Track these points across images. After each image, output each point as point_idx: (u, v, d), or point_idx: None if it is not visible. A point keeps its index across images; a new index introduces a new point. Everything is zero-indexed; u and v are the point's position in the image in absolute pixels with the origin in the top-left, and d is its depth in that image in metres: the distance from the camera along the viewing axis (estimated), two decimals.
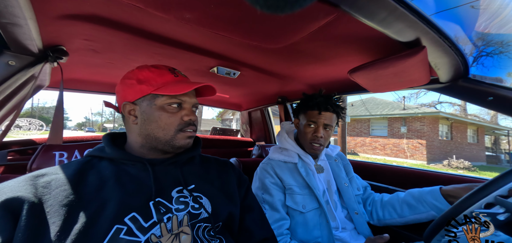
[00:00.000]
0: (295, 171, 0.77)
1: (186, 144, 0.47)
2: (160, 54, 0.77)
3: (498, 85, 0.64)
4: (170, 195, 0.43)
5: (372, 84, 0.78)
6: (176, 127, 0.46)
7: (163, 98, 0.45)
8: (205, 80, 1.21)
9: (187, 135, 0.47)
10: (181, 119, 0.46)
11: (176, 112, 0.46)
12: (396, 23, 0.43)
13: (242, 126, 2.05)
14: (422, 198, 0.70)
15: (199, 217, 0.43)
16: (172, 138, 0.46)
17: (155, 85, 0.45)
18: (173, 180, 0.46)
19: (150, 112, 0.45)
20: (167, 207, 0.41)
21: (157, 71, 0.47)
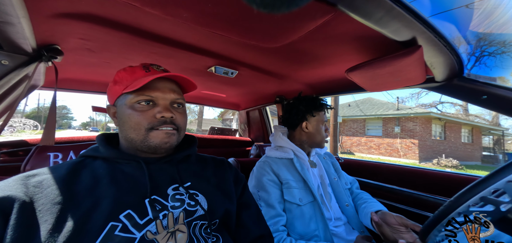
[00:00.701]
0: (291, 166, 0.80)
1: (162, 143, 0.44)
2: (157, 54, 0.77)
3: (492, 84, 0.65)
4: (166, 192, 0.43)
5: (369, 83, 0.79)
6: (146, 125, 0.43)
7: (131, 96, 0.43)
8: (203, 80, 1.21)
9: (161, 133, 0.44)
10: (153, 117, 0.43)
11: (147, 110, 0.43)
12: (393, 23, 0.43)
13: (240, 126, 2.05)
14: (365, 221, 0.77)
15: (195, 215, 0.43)
16: (144, 138, 0.43)
17: (124, 84, 0.44)
18: (169, 178, 0.45)
19: (121, 113, 0.44)
20: (162, 204, 0.41)
21: (130, 69, 0.46)
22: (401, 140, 9.71)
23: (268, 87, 1.21)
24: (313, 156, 0.89)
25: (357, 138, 11.49)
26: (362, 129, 11.45)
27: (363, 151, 11.05)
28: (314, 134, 0.84)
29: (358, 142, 11.41)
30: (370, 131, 11.22)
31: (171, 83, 0.48)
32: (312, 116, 0.85)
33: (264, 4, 0.21)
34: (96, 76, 1.04)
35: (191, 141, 0.55)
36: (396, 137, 9.84)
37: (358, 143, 11.42)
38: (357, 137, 11.48)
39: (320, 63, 0.81)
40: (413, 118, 9.48)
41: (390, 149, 10.01)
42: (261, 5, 0.22)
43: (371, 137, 10.95)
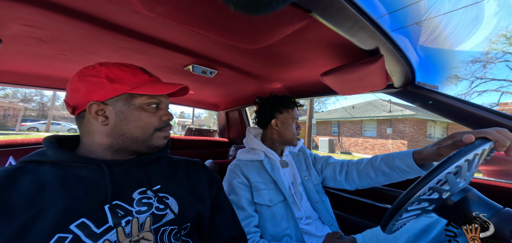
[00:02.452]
0: (262, 168, 0.81)
1: (162, 144, 0.48)
2: (127, 49, 0.70)
3: (435, 91, 0.78)
4: (131, 196, 0.41)
5: (341, 87, 0.86)
6: (155, 126, 0.46)
7: (143, 98, 0.45)
8: (179, 79, 1.15)
9: (164, 135, 0.48)
10: (160, 119, 0.47)
11: (155, 112, 0.47)
12: (360, 32, 0.48)
13: (219, 127, 2.00)
14: (395, 166, 0.68)
15: (163, 219, 0.41)
16: (149, 137, 0.46)
17: (130, 85, 0.44)
18: (135, 181, 0.43)
19: (128, 112, 0.44)
20: (126, 209, 0.39)
21: (129, 70, 0.46)
22: (392, 140, 10.37)
23: (247, 88, 1.21)
24: (286, 155, 0.90)
25: (354, 139, 12.03)
26: (359, 130, 12.00)
27: (359, 151, 11.61)
28: (284, 132, 0.85)
29: (356, 142, 11.95)
30: (366, 132, 11.79)
31: None
32: (280, 114, 0.86)
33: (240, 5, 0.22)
34: (48, 69, 0.89)
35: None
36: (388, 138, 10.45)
37: (355, 144, 11.96)
38: (355, 138, 12.03)
39: (297, 66, 0.85)
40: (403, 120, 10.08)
41: (383, 149, 10.67)
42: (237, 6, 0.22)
43: (367, 138, 11.54)
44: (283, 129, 0.85)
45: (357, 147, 11.99)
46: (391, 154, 0.71)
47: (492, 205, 0.41)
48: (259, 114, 0.91)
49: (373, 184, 0.77)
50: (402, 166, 0.66)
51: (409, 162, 0.63)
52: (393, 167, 0.69)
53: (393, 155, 0.70)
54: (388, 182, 0.73)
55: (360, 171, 0.79)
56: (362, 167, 0.79)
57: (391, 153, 0.71)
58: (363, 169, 0.78)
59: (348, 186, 0.84)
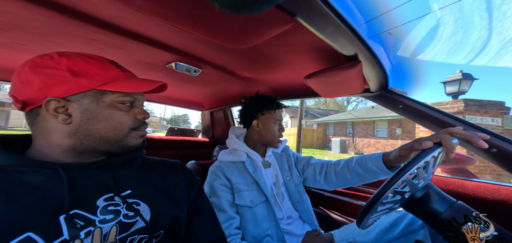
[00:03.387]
0: (243, 169, 0.81)
1: (138, 143, 0.45)
2: (101, 42, 0.64)
3: (405, 96, 0.86)
4: (94, 204, 0.37)
5: (323, 89, 0.90)
6: (131, 125, 0.43)
7: (115, 95, 0.41)
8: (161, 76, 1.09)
9: (140, 134, 0.45)
10: (134, 118, 0.44)
11: (129, 111, 0.43)
12: (340, 39, 0.51)
13: (203, 127, 1.95)
14: (368, 168, 0.72)
15: (132, 228, 0.38)
16: (124, 137, 0.43)
17: (100, 80, 0.39)
18: (100, 186, 0.39)
19: (96, 111, 0.40)
20: (87, 219, 0.35)
21: (97, 63, 0.40)
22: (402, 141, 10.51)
23: (233, 88, 1.20)
24: (268, 156, 0.90)
25: (367, 140, 12.11)
26: (371, 131, 12.05)
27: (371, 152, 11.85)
28: (265, 133, 0.85)
29: (368, 143, 12.02)
30: (379, 133, 11.83)
31: None
32: (262, 114, 0.85)
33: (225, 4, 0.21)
34: (2, 60, 0.78)
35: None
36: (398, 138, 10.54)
37: (368, 144, 12.02)
38: (368, 139, 12.11)
39: (282, 68, 0.87)
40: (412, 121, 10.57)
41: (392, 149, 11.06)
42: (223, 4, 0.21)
43: (378, 138, 11.62)
44: (265, 130, 0.85)
45: (370, 147, 12.08)
46: (365, 156, 0.75)
47: (448, 199, 0.47)
48: (242, 114, 0.91)
49: (349, 185, 0.81)
50: (374, 168, 0.70)
51: (379, 164, 0.68)
52: (366, 169, 0.73)
53: (366, 157, 0.74)
54: (363, 183, 0.77)
55: (337, 172, 0.82)
56: (339, 168, 0.82)
57: (365, 155, 0.75)
58: (340, 170, 0.81)
59: (326, 187, 0.87)
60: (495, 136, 0.68)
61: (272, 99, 0.87)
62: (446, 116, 0.76)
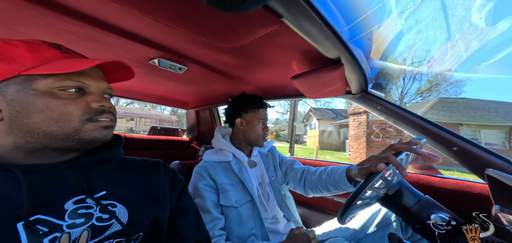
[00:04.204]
0: (229, 169, 0.80)
1: (102, 136, 0.39)
2: (74, 33, 0.59)
3: (382, 98, 0.92)
4: (62, 208, 0.34)
5: (309, 90, 0.93)
6: (81, 116, 0.36)
7: (49, 81, 0.34)
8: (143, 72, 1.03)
9: (101, 125, 0.39)
10: (87, 107, 0.37)
11: (76, 98, 0.37)
12: (325, 42, 0.53)
13: (188, 126, 1.90)
14: (336, 183, 0.74)
15: (107, 231, 0.35)
16: (76, 131, 0.36)
17: (25, 64, 0.33)
18: (69, 188, 0.36)
19: (26, 101, 0.34)
20: (52, 224, 0.32)
21: (23, 45, 0.34)
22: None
23: (219, 87, 1.18)
24: (254, 155, 0.91)
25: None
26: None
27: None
28: (249, 132, 0.84)
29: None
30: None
31: (98, 70, 0.41)
32: (245, 113, 0.85)
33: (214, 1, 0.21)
34: None
35: (114, 141, 0.46)
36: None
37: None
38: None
39: (269, 68, 0.88)
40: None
41: None
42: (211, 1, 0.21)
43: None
44: (248, 129, 0.85)
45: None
46: (334, 169, 0.76)
47: (416, 193, 0.51)
48: (226, 112, 0.90)
49: (322, 195, 0.81)
50: (339, 181, 0.72)
51: (343, 178, 0.70)
52: (333, 182, 0.74)
53: (334, 170, 0.75)
54: (332, 194, 0.78)
55: (313, 182, 0.82)
56: (314, 179, 0.82)
57: (334, 167, 0.76)
58: (314, 180, 0.82)
59: (305, 194, 0.87)
60: (457, 136, 0.76)
61: (256, 98, 0.86)
62: (418, 118, 0.83)
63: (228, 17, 0.48)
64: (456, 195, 0.79)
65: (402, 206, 0.51)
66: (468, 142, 0.74)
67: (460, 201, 0.78)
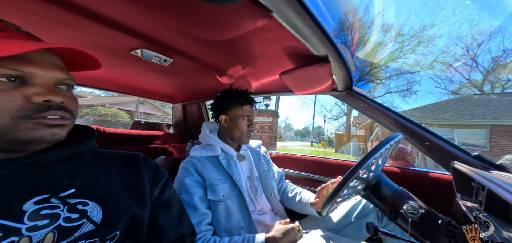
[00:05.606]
0: (217, 164, 0.80)
1: (48, 136, 0.33)
2: (42, 16, 0.53)
3: (365, 96, 0.97)
4: (20, 209, 0.31)
5: (296, 86, 0.94)
6: (13, 111, 0.30)
7: None
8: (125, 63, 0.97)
9: (47, 123, 0.33)
10: (25, 100, 0.31)
11: (10, 90, 0.30)
12: (313, 38, 0.54)
13: (175, 121, 1.83)
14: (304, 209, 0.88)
15: (76, 232, 0.33)
16: (9, 129, 0.30)
17: None
18: (28, 187, 0.32)
19: None
20: (8, 228, 0.29)
21: None
22: None
23: (207, 81, 1.15)
24: (243, 150, 0.91)
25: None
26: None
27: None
28: (233, 128, 0.83)
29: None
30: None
31: (53, 56, 0.35)
32: (228, 110, 0.84)
33: None
34: None
35: (83, 134, 0.42)
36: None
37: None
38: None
39: (258, 63, 0.87)
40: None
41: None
42: None
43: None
44: (232, 125, 0.84)
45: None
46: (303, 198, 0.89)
47: (392, 185, 0.56)
48: (212, 108, 0.89)
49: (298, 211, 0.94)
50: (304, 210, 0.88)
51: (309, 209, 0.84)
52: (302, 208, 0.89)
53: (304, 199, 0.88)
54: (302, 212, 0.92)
55: (288, 199, 0.96)
56: (291, 196, 0.95)
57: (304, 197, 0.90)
58: (289, 199, 0.95)
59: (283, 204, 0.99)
60: (428, 132, 0.83)
61: (240, 94, 0.84)
62: (397, 115, 0.89)
63: (216, 9, 0.46)
64: (427, 186, 0.87)
65: (380, 197, 0.55)
66: (438, 137, 0.81)
67: (430, 191, 0.86)
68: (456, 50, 14.18)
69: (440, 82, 14.53)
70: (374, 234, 0.49)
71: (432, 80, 14.58)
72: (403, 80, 13.67)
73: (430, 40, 13.67)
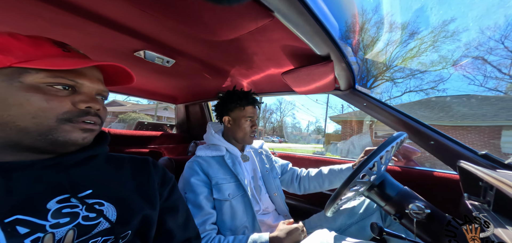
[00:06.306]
0: (223, 163, 0.81)
1: (80, 139, 0.37)
2: (45, 19, 0.54)
3: (369, 95, 0.96)
4: (44, 207, 0.33)
5: (299, 86, 0.94)
6: (60, 114, 0.34)
7: (40, 75, 0.33)
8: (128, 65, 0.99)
9: (82, 127, 0.37)
10: (72, 106, 0.36)
11: (62, 96, 0.35)
12: (315, 37, 0.54)
13: (177, 121, 1.85)
14: (338, 175, 0.89)
15: (95, 230, 0.35)
16: (51, 130, 0.34)
17: (21, 56, 0.33)
18: (51, 187, 0.35)
19: (8, 92, 0.32)
20: (34, 224, 0.31)
21: (27, 39, 0.34)
22: None
23: (209, 82, 1.16)
24: (247, 151, 0.92)
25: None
26: None
27: None
28: (236, 129, 0.84)
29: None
30: None
31: (97, 72, 0.41)
32: (231, 111, 0.85)
33: None
34: None
35: (100, 139, 0.45)
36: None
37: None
38: None
39: (260, 63, 0.87)
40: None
41: None
42: None
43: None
44: (235, 126, 0.84)
45: None
46: (337, 167, 0.91)
47: (397, 185, 0.55)
48: (215, 110, 0.90)
49: (319, 190, 0.95)
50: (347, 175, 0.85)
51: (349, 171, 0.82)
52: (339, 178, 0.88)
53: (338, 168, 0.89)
54: (330, 188, 0.93)
55: (311, 179, 0.95)
56: (313, 176, 0.95)
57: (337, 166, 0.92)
58: (313, 177, 0.95)
59: (298, 191, 0.99)
60: (434, 131, 0.81)
61: (242, 96, 0.84)
62: (401, 114, 0.88)
63: (218, 10, 0.46)
64: (432, 186, 0.86)
65: (385, 196, 0.54)
66: (444, 136, 0.79)
67: (435, 191, 0.85)
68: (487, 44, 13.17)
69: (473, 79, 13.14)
70: (379, 235, 0.48)
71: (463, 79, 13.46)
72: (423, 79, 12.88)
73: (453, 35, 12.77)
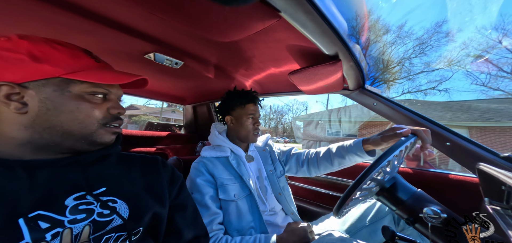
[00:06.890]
0: (227, 164, 0.81)
1: (109, 140, 0.43)
2: (65, 25, 0.57)
3: (379, 94, 0.93)
4: (63, 204, 0.35)
5: (306, 86, 0.93)
6: (100, 120, 0.41)
7: (84, 86, 0.38)
8: (138, 67, 1.02)
9: (112, 130, 0.43)
10: (107, 112, 0.42)
11: (101, 104, 0.41)
12: (323, 37, 0.53)
13: (186, 122, 1.88)
14: (349, 152, 0.79)
15: (108, 226, 0.37)
16: (92, 133, 0.40)
17: (67, 68, 0.37)
18: (69, 184, 0.37)
19: (60, 101, 0.37)
20: (54, 220, 0.33)
21: (65, 50, 0.38)
22: None
23: (217, 83, 1.17)
24: (251, 150, 0.92)
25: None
26: None
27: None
28: (239, 128, 0.85)
29: None
30: None
31: None
32: (232, 110, 0.86)
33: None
34: None
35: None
36: None
37: None
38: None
39: (267, 64, 0.87)
40: None
41: None
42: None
43: None
44: (238, 125, 0.85)
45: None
46: (345, 143, 0.82)
47: (410, 188, 0.53)
48: (218, 111, 0.91)
49: (330, 170, 0.87)
50: (354, 153, 0.77)
51: (360, 149, 0.75)
52: (347, 155, 0.80)
53: (348, 144, 0.81)
54: (341, 167, 0.85)
55: (320, 159, 0.88)
56: (322, 156, 0.88)
57: (346, 142, 0.83)
58: (322, 157, 0.88)
59: (308, 174, 0.92)
60: (450, 132, 0.77)
61: (241, 94, 0.85)
62: (413, 113, 0.85)
63: (225, 11, 0.47)
64: (448, 189, 0.82)
65: (397, 200, 0.52)
66: (461, 137, 0.75)
67: (452, 194, 0.80)
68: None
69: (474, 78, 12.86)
70: (391, 239, 0.46)
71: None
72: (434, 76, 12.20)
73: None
